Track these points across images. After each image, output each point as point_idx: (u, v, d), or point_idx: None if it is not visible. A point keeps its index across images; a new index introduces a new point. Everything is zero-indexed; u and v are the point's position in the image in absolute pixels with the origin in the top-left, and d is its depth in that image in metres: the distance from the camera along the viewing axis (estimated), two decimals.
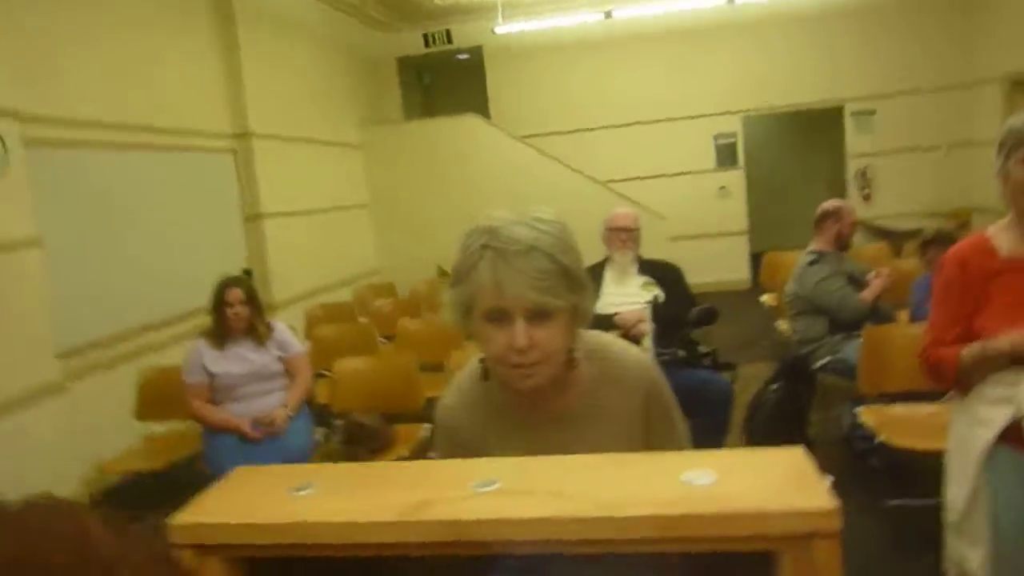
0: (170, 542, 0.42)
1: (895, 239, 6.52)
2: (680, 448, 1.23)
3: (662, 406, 1.21)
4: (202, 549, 0.68)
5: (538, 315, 1.05)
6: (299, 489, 0.72)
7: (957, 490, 1.83)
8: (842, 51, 8.05)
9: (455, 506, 0.66)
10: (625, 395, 1.18)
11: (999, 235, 1.84)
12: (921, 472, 3.22)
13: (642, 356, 1.22)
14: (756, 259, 7.75)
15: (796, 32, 8.10)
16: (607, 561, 0.69)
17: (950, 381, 1.85)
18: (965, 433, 1.83)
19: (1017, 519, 1.76)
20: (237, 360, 3.29)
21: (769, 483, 0.64)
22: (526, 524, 0.63)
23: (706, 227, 8.28)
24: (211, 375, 3.26)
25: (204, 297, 3.43)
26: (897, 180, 8.15)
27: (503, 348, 1.06)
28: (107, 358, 4.29)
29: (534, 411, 1.17)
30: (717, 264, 8.16)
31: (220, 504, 0.71)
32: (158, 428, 3.88)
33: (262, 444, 3.13)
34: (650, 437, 1.19)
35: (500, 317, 1.05)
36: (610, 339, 1.23)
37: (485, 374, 1.19)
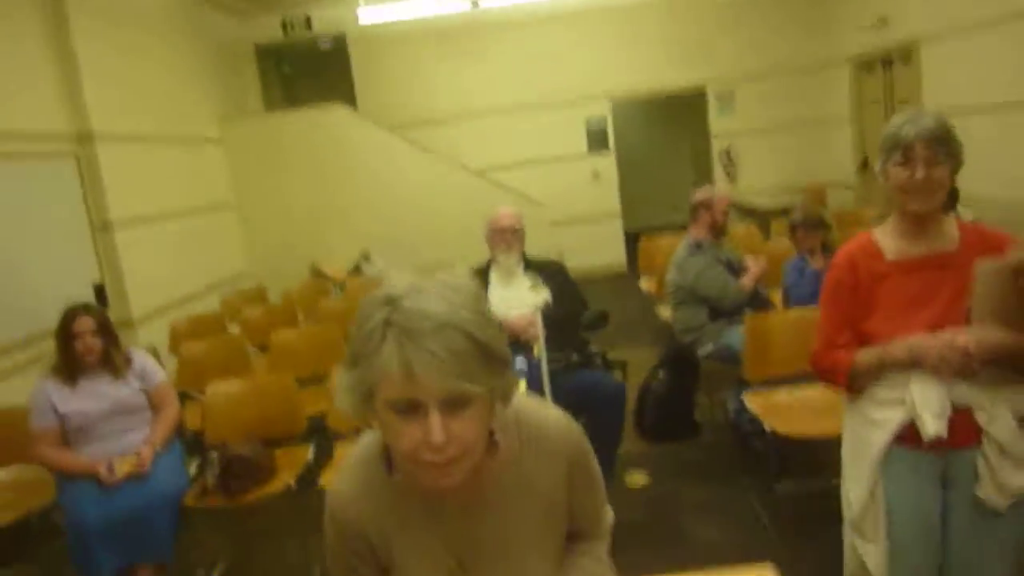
0: None
1: (762, 218, 6.80)
2: (601, 510, 1.14)
3: (585, 470, 1.11)
4: None
5: (455, 403, 0.89)
6: None
7: (854, 489, 1.85)
8: (703, 35, 8.29)
9: None
10: (549, 467, 1.06)
11: (884, 237, 1.86)
12: (805, 456, 3.35)
13: (562, 419, 1.11)
14: (631, 240, 7.90)
15: (661, 17, 8.27)
16: None
17: (843, 385, 1.86)
18: (860, 434, 1.85)
19: (911, 517, 1.80)
20: (92, 397, 2.94)
21: None
22: None
23: (582, 211, 8.35)
24: (62, 416, 2.90)
25: (49, 320, 3.05)
26: (758, 158, 8.52)
27: (414, 444, 0.90)
28: None
29: (446, 504, 1.03)
30: (595, 248, 8.26)
31: None
32: (1, 475, 3.45)
33: (127, 488, 2.82)
34: (572, 502, 1.09)
35: (409, 408, 0.89)
36: (527, 405, 1.10)
37: (390, 466, 1.03)
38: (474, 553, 0.99)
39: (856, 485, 1.84)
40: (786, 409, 3.08)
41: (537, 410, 1.11)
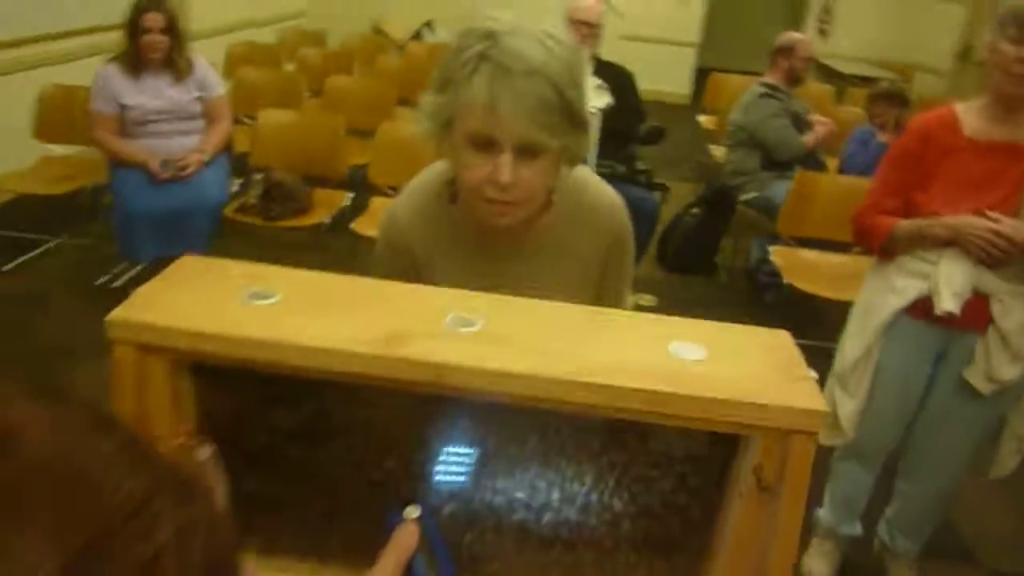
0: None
1: (842, 82, 6.48)
2: (624, 294, 1.22)
3: (623, 253, 1.18)
4: (145, 349, 0.62)
5: (528, 150, 0.93)
6: (259, 297, 0.66)
7: (851, 346, 1.95)
8: None
9: (433, 345, 0.62)
10: (593, 239, 1.13)
11: (967, 113, 1.82)
12: (811, 316, 3.46)
13: (615, 197, 1.16)
14: (700, 75, 7.57)
15: None
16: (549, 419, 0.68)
17: (877, 248, 1.91)
18: (875, 297, 1.92)
19: (896, 382, 1.92)
20: (152, 93, 3.01)
21: (759, 369, 0.63)
22: (508, 378, 0.60)
23: (659, 33, 7.94)
24: (122, 106, 2.99)
25: (115, 11, 3.05)
26: (857, 21, 7.94)
27: (482, 179, 0.96)
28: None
29: (497, 242, 1.11)
30: (661, 73, 7.93)
31: (169, 301, 0.64)
32: (58, 150, 3.61)
33: (174, 187, 2.97)
34: (604, 276, 1.17)
35: (485, 144, 0.94)
36: (587, 177, 1.15)
37: (452, 196, 1.10)
38: (507, 292, 1.08)
39: (854, 341, 1.94)
40: (808, 269, 3.15)
41: (597, 184, 1.17)
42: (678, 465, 0.69)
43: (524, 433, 0.69)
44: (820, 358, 1.94)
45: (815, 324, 3.39)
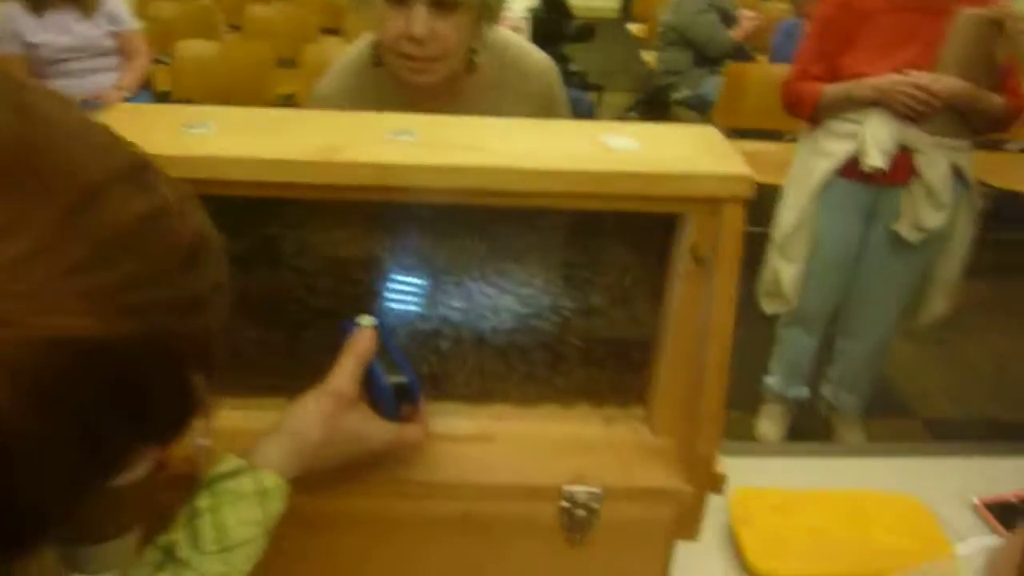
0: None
1: None
2: None
3: (558, 115, 1.19)
4: None
5: (443, 4, 0.94)
6: (193, 127, 0.65)
7: (788, 214, 2.02)
8: None
9: (372, 149, 0.62)
10: (522, 103, 1.14)
11: None
12: (756, 203, 3.54)
13: (544, 60, 1.17)
14: None
15: None
16: (506, 219, 0.70)
17: (807, 115, 1.96)
18: (808, 162, 1.98)
19: (834, 243, 2.00)
20: (59, 30, 2.87)
21: (689, 151, 0.65)
22: (447, 172, 0.61)
23: None
24: (29, 46, 2.84)
25: None
26: None
27: (397, 34, 0.96)
28: None
29: (422, 110, 1.11)
30: None
31: None
32: None
33: None
34: None
35: (399, 0, 0.94)
36: (511, 38, 1.15)
37: (377, 59, 1.09)
38: None
39: (790, 208, 2.01)
40: (747, 158, 3.21)
41: (522, 45, 1.17)
42: (620, 258, 0.72)
43: (471, 242, 0.71)
44: (763, 243, 2.02)
45: (756, 211, 3.48)
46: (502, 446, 0.76)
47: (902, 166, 1.84)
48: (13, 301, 0.29)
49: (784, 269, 2.04)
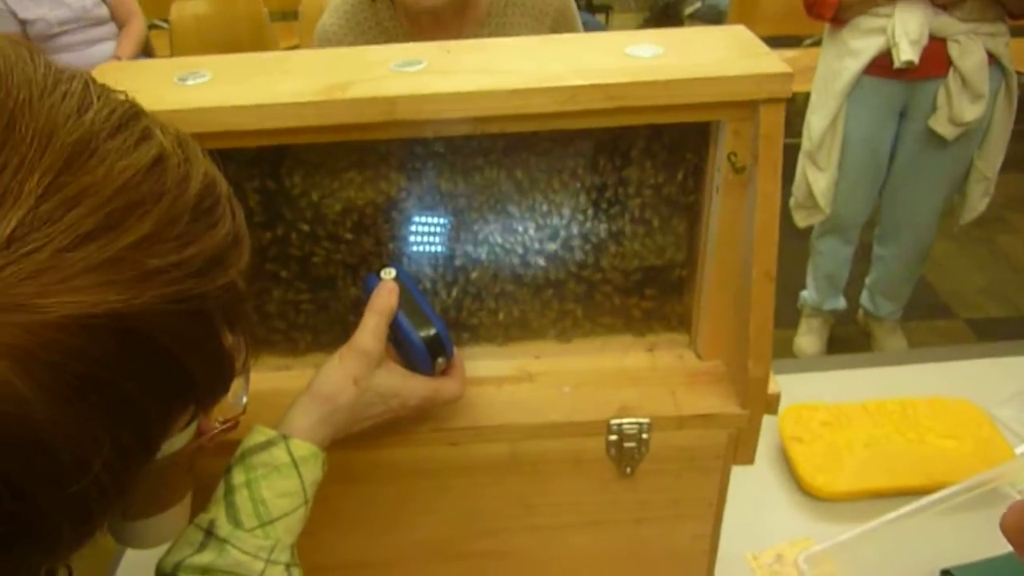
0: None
1: None
2: None
3: (569, 29, 1.14)
4: None
5: None
6: (189, 78, 0.62)
7: (816, 120, 1.94)
8: None
9: (380, 83, 0.59)
10: (533, 20, 1.08)
11: None
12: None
13: None
14: None
15: None
16: (533, 149, 0.66)
17: (829, 15, 1.86)
18: (834, 64, 1.89)
19: (864, 146, 1.92)
20: (51, 3, 2.81)
21: (719, 53, 0.60)
22: (462, 99, 0.57)
23: None
24: (22, 22, 2.79)
25: None
26: None
27: None
28: None
29: (430, 39, 1.06)
30: None
31: None
32: None
33: None
34: None
35: None
36: None
37: None
38: None
39: (819, 115, 1.92)
40: None
41: None
42: (652, 177, 0.68)
43: (493, 175, 0.67)
44: (791, 153, 1.94)
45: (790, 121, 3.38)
46: (543, 385, 0.74)
47: (934, 57, 1.75)
48: (18, 284, 0.26)
49: (816, 178, 1.97)
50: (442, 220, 0.69)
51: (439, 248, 0.71)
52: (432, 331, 0.63)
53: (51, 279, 0.27)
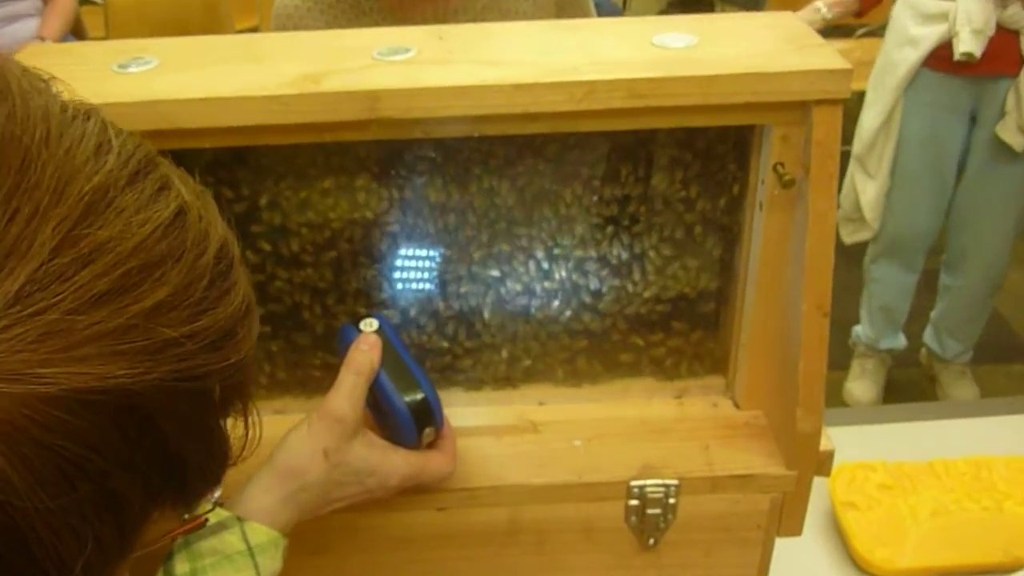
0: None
1: None
2: None
3: (578, 9, 1.14)
4: None
5: None
6: (133, 64, 0.62)
7: (869, 117, 1.96)
8: None
9: (361, 74, 0.59)
10: (541, 4, 1.09)
11: None
12: None
13: None
14: None
15: None
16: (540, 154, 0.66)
17: None
18: (892, 53, 1.91)
19: (922, 148, 1.94)
20: None
21: (763, 44, 0.61)
22: (459, 96, 0.57)
23: None
24: None
25: None
26: None
27: None
28: None
29: (411, 14, 1.07)
30: None
31: None
32: None
33: None
34: None
35: None
36: None
37: None
38: None
39: (872, 112, 1.94)
40: None
41: None
42: (682, 192, 0.68)
43: (494, 185, 0.68)
44: (843, 164, 1.96)
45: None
46: (549, 437, 0.74)
47: (1004, 53, 1.77)
48: (22, 348, 0.26)
49: (865, 186, 1.98)
50: (432, 238, 0.69)
51: (428, 271, 0.70)
52: (419, 395, 0.62)
53: (56, 345, 0.27)
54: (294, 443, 0.60)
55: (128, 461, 0.30)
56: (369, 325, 0.64)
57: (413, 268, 0.71)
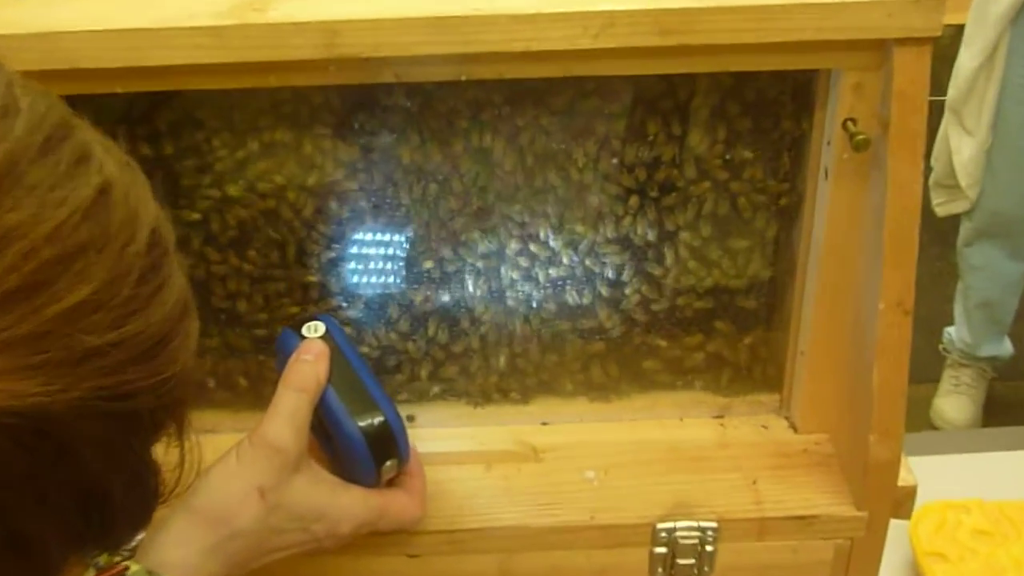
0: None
1: None
2: None
3: None
4: None
5: None
6: None
7: (967, 57, 1.95)
8: None
9: (315, 2, 0.59)
10: None
11: None
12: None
13: None
14: None
15: None
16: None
17: None
18: None
19: None
20: None
21: None
22: (439, 27, 0.57)
23: None
24: None
25: None
26: None
27: None
28: None
29: None
30: None
31: None
32: None
33: None
34: None
35: None
36: None
37: None
38: None
39: (971, 52, 1.93)
40: None
41: None
42: (721, 156, 0.69)
43: (484, 143, 0.68)
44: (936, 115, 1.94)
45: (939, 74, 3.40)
46: (553, 466, 0.74)
47: None
48: None
49: (960, 143, 1.97)
50: (406, 212, 0.70)
51: (400, 253, 0.71)
52: (377, 418, 0.62)
53: None
54: (220, 480, 0.59)
55: (39, 496, 0.30)
56: (314, 329, 0.64)
57: (381, 250, 0.71)
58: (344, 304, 0.73)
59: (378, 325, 0.73)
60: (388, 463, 0.63)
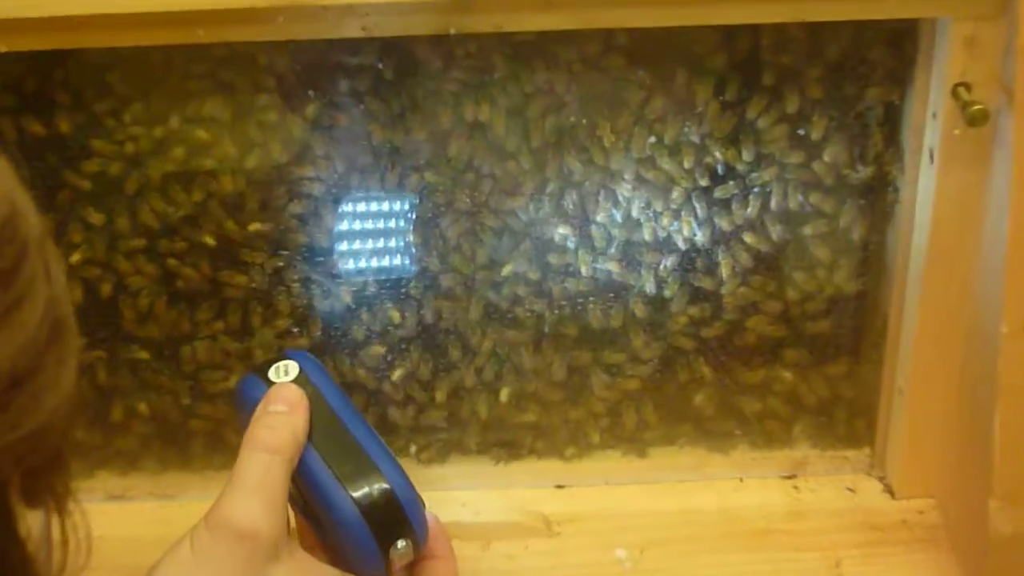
0: None
1: None
2: None
3: None
4: None
5: None
6: None
7: None
8: None
9: None
10: None
11: None
12: None
13: None
14: None
15: None
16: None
17: None
18: None
19: None
20: None
21: None
22: None
23: None
24: None
25: None
26: None
27: None
28: None
29: None
30: None
31: None
32: None
33: None
34: None
35: None
36: None
37: None
38: None
39: None
40: None
41: None
42: (804, 129, 0.69)
43: (481, 115, 0.68)
44: None
45: None
46: (573, 543, 0.74)
47: None
48: None
49: None
50: (379, 205, 0.70)
51: (371, 259, 0.71)
52: (378, 486, 0.60)
53: None
54: (173, 571, 0.59)
55: None
56: (284, 371, 0.62)
57: (347, 254, 0.71)
58: (297, 330, 0.73)
59: (336, 356, 0.73)
60: (399, 545, 0.61)
